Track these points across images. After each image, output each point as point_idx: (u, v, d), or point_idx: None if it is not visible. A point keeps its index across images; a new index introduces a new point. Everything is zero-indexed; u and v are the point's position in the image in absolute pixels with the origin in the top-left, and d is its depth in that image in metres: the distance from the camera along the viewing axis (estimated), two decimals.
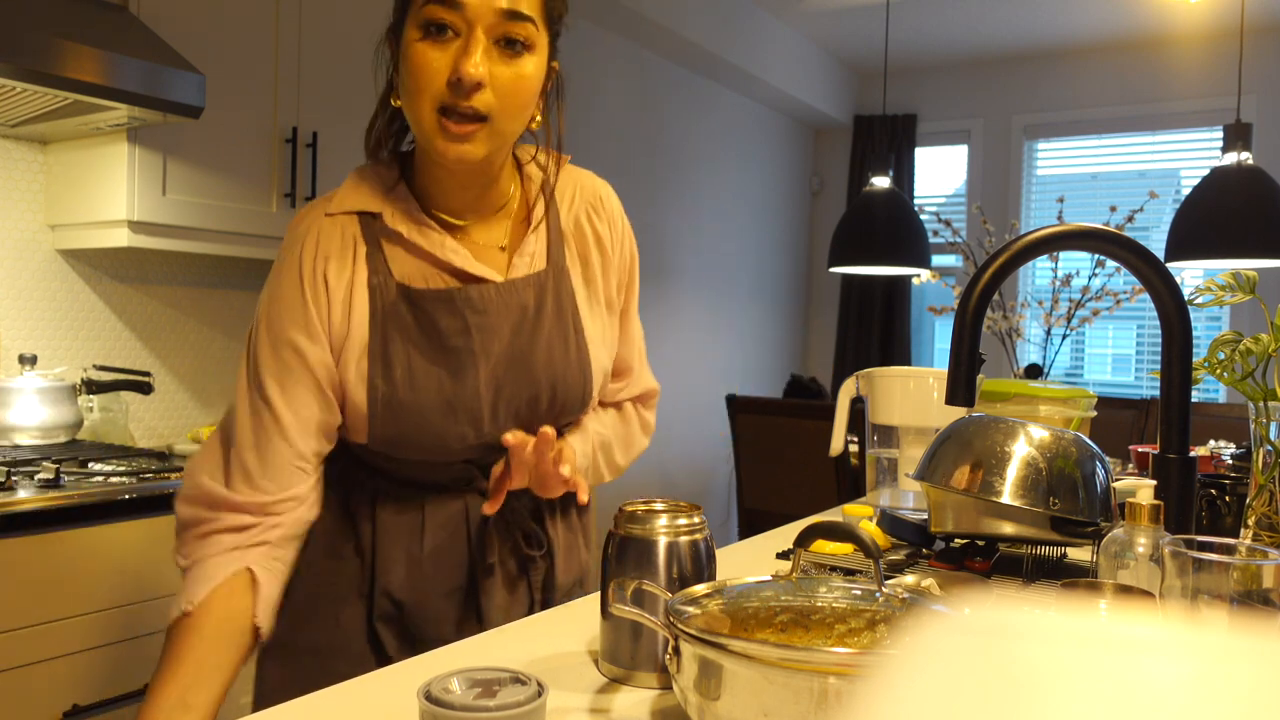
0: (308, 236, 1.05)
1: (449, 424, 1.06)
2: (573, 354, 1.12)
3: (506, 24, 0.97)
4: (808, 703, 0.65)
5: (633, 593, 0.84)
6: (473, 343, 1.06)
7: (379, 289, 1.05)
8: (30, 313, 2.36)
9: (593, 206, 1.18)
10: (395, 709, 0.82)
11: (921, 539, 1.31)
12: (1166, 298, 1.17)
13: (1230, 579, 0.77)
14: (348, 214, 1.06)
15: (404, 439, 1.06)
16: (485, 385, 1.07)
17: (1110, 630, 0.23)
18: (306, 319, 1.03)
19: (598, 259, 1.17)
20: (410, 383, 1.04)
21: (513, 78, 0.99)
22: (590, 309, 1.16)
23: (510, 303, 1.08)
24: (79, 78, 1.85)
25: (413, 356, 1.04)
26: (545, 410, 1.12)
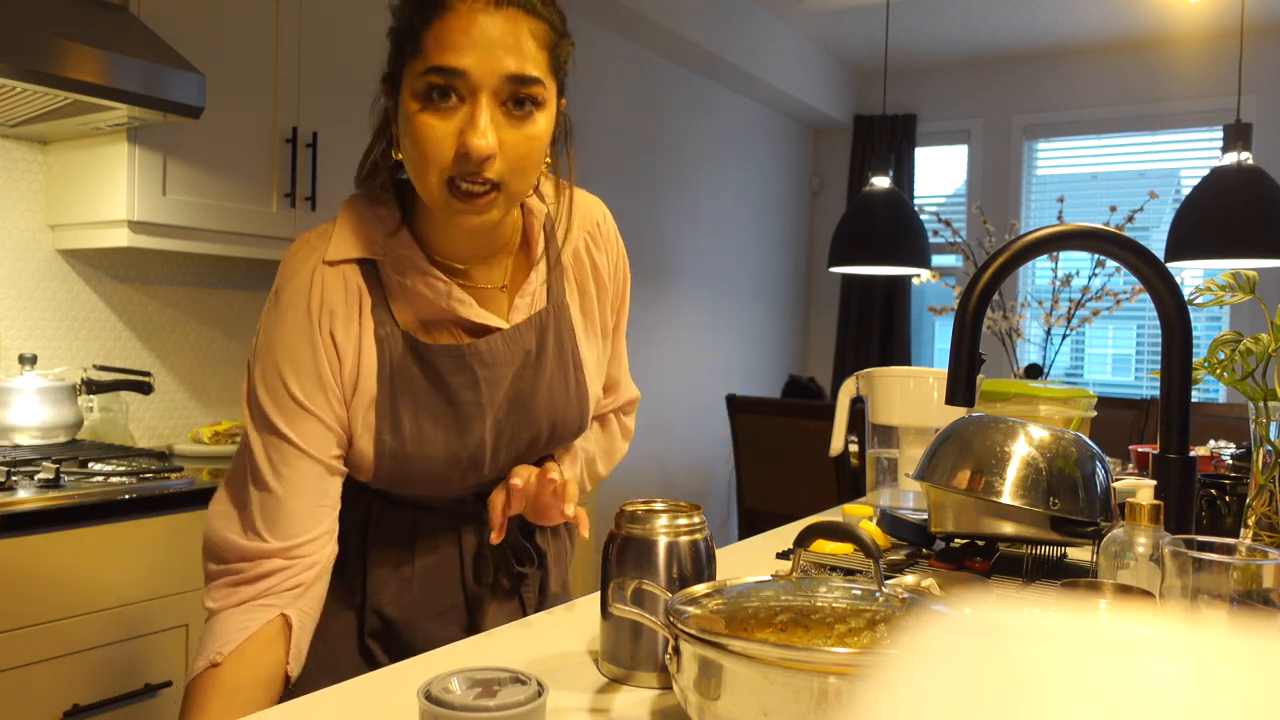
0: (311, 289, 1.00)
1: (453, 472, 1.05)
2: (572, 391, 1.12)
3: (517, 89, 0.92)
4: (808, 702, 0.65)
5: (633, 593, 0.84)
6: (480, 396, 1.04)
7: (386, 341, 1.01)
8: (30, 313, 2.36)
9: (590, 235, 1.15)
10: (395, 709, 0.82)
11: (921, 539, 1.31)
12: (1166, 298, 1.17)
13: (1230, 579, 0.77)
14: (348, 262, 1.01)
15: (407, 483, 1.05)
16: (490, 434, 1.06)
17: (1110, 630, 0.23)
18: (319, 374, 0.98)
19: (594, 288, 1.16)
20: (418, 438, 1.02)
21: (523, 141, 0.93)
22: (587, 340, 1.15)
23: (514, 349, 1.06)
24: (79, 78, 1.85)
25: (420, 412, 1.02)
26: (543, 446, 1.13)
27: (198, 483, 2.05)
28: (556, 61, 0.96)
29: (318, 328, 0.99)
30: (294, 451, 0.98)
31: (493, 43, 0.90)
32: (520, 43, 0.91)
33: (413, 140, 0.93)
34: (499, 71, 0.90)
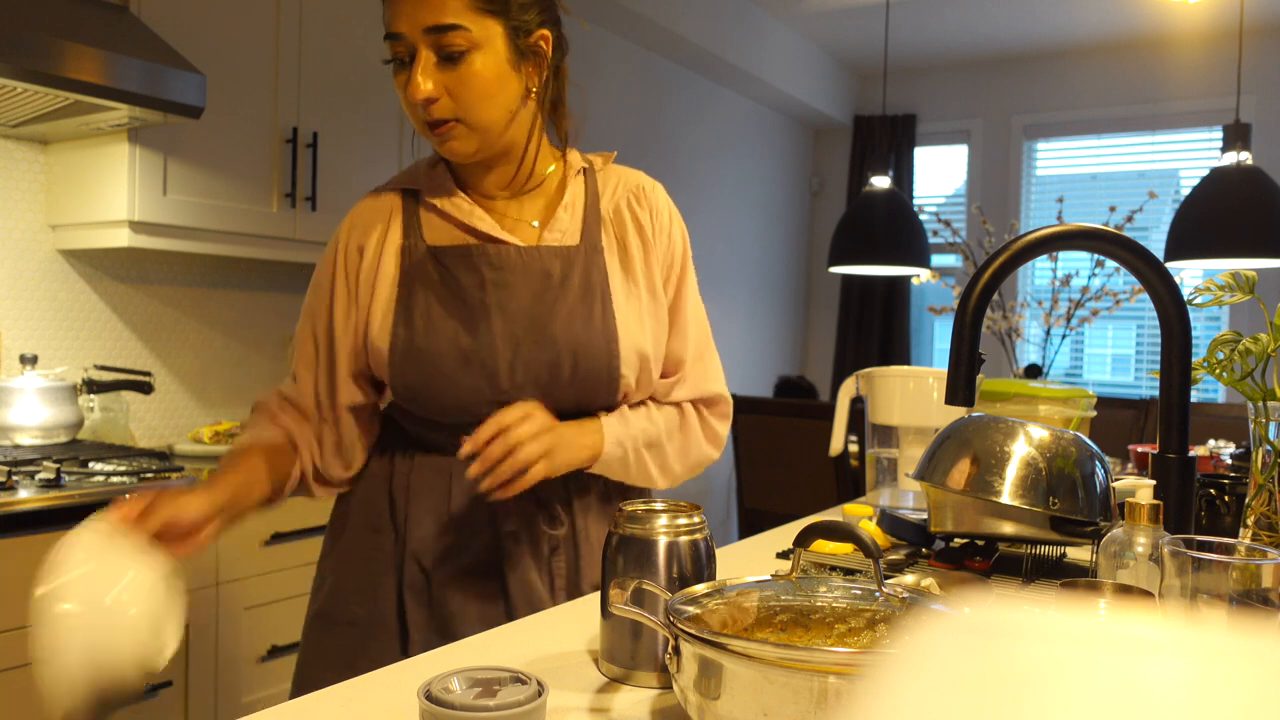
0: (349, 216, 1.21)
1: (464, 375, 1.11)
2: (597, 324, 1.14)
3: (438, 38, 1.05)
4: (808, 702, 0.65)
5: (633, 592, 0.84)
6: (488, 297, 1.12)
7: (409, 250, 1.15)
8: (31, 313, 2.36)
9: (635, 195, 1.23)
10: (395, 709, 0.82)
11: (921, 539, 1.31)
12: (1166, 298, 1.17)
13: (1229, 579, 0.77)
14: (392, 191, 1.20)
15: (422, 387, 1.12)
16: (502, 341, 1.11)
17: (1110, 630, 0.23)
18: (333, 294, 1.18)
19: (637, 245, 1.21)
20: (428, 330, 1.12)
21: (460, 80, 1.07)
22: (626, 290, 1.18)
23: (531, 266, 1.14)
24: (79, 78, 1.85)
25: (432, 307, 1.13)
26: (568, 378, 1.13)
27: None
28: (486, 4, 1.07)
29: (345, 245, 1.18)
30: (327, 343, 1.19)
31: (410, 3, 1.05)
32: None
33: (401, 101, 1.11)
34: (418, 26, 1.05)
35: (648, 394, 1.22)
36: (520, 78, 1.12)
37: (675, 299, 1.25)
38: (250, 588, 2.11)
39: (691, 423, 1.25)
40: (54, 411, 2.20)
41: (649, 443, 1.19)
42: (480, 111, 1.09)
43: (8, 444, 2.16)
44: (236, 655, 2.09)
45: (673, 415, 1.23)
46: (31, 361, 2.23)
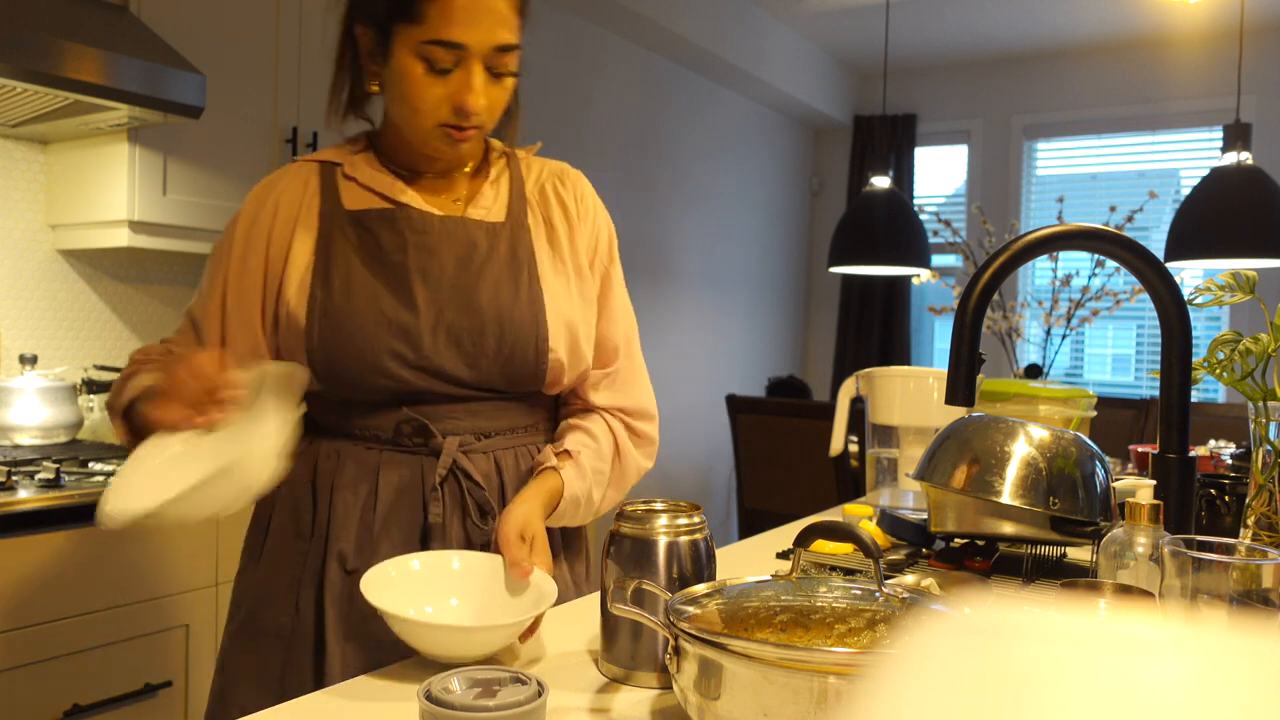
0: (261, 184, 1.17)
1: (383, 335, 1.07)
2: (523, 296, 1.12)
3: (499, 56, 1.07)
4: (808, 702, 0.65)
5: (633, 593, 0.84)
6: (408, 259, 1.10)
7: (327, 215, 1.13)
8: (31, 313, 2.36)
9: (559, 178, 1.23)
10: (395, 709, 0.82)
11: (921, 539, 1.31)
12: (1166, 298, 1.17)
13: (1230, 579, 0.77)
14: (307, 163, 1.17)
15: (340, 353, 1.07)
16: (424, 305, 1.09)
17: (1110, 630, 0.23)
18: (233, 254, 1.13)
19: (563, 225, 1.20)
20: (347, 290, 1.09)
21: (502, 93, 1.11)
22: (553, 266, 1.17)
23: (456, 234, 1.13)
24: (79, 78, 1.85)
25: (352, 268, 1.10)
26: (494, 350, 1.10)
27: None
28: (525, 17, 1.11)
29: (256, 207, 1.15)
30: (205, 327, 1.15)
31: (487, 18, 1.05)
32: (506, 15, 1.06)
33: (411, 95, 1.07)
34: (491, 44, 1.06)
35: (577, 377, 1.19)
36: None
37: (604, 286, 1.23)
38: None
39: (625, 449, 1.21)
40: (53, 411, 2.20)
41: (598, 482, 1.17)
42: (496, 119, 1.13)
43: (7, 444, 2.16)
44: None
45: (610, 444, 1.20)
46: (31, 361, 2.23)
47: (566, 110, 3.90)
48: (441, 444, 1.10)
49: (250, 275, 1.12)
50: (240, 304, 1.13)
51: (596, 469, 1.16)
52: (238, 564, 1.22)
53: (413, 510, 1.11)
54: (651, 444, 1.25)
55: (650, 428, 1.25)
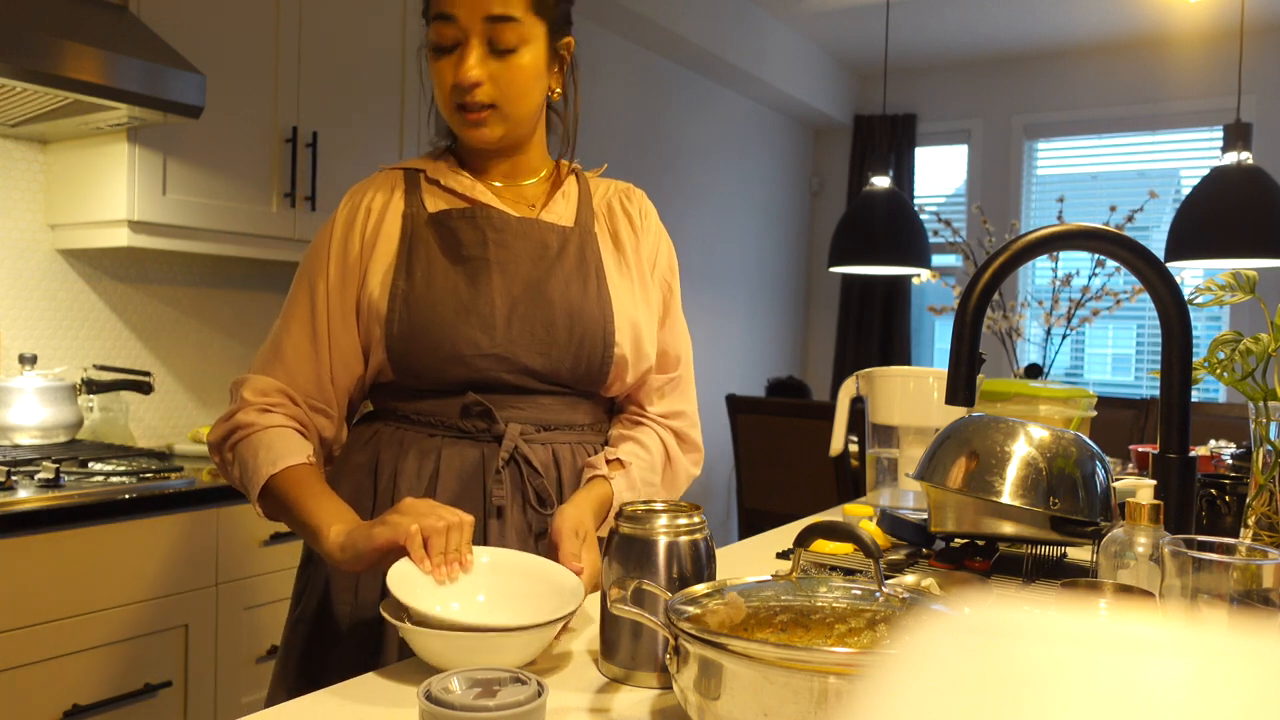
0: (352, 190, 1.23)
1: (461, 323, 1.12)
2: (592, 293, 1.18)
3: (494, 28, 1.10)
4: (808, 702, 0.65)
5: (633, 593, 0.84)
6: (488, 253, 1.15)
7: (411, 217, 1.18)
8: (30, 313, 2.36)
9: (625, 195, 1.29)
10: (395, 709, 0.82)
11: (921, 539, 1.31)
12: (1166, 298, 1.17)
13: (1230, 579, 0.77)
14: (393, 171, 1.24)
15: (417, 336, 1.12)
16: (500, 295, 1.14)
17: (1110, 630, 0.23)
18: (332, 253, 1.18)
19: (629, 236, 1.26)
20: (428, 281, 1.14)
21: (507, 70, 1.12)
22: (619, 269, 1.23)
23: (530, 234, 1.18)
24: (79, 78, 1.85)
25: (434, 262, 1.15)
26: (564, 338, 1.15)
27: (198, 483, 2.05)
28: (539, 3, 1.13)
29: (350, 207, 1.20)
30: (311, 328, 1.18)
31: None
32: None
33: (433, 80, 1.16)
34: (480, 13, 1.09)
35: (638, 378, 1.24)
36: (549, 78, 1.19)
37: (668, 299, 1.30)
38: (250, 588, 2.10)
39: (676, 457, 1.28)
40: (53, 411, 2.20)
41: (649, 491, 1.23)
42: (517, 103, 1.15)
43: (7, 444, 2.16)
44: (236, 655, 2.09)
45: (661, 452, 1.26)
46: (31, 361, 2.23)
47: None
48: (504, 430, 1.14)
49: (350, 276, 1.17)
50: (342, 305, 1.17)
51: (647, 480, 1.22)
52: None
53: (474, 493, 1.14)
54: (698, 450, 1.33)
55: (697, 434, 1.33)
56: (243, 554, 2.09)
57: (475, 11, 1.09)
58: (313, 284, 1.18)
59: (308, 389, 1.16)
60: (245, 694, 2.11)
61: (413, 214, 1.18)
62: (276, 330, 1.19)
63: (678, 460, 1.28)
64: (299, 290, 1.19)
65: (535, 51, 1.14)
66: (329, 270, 1.18)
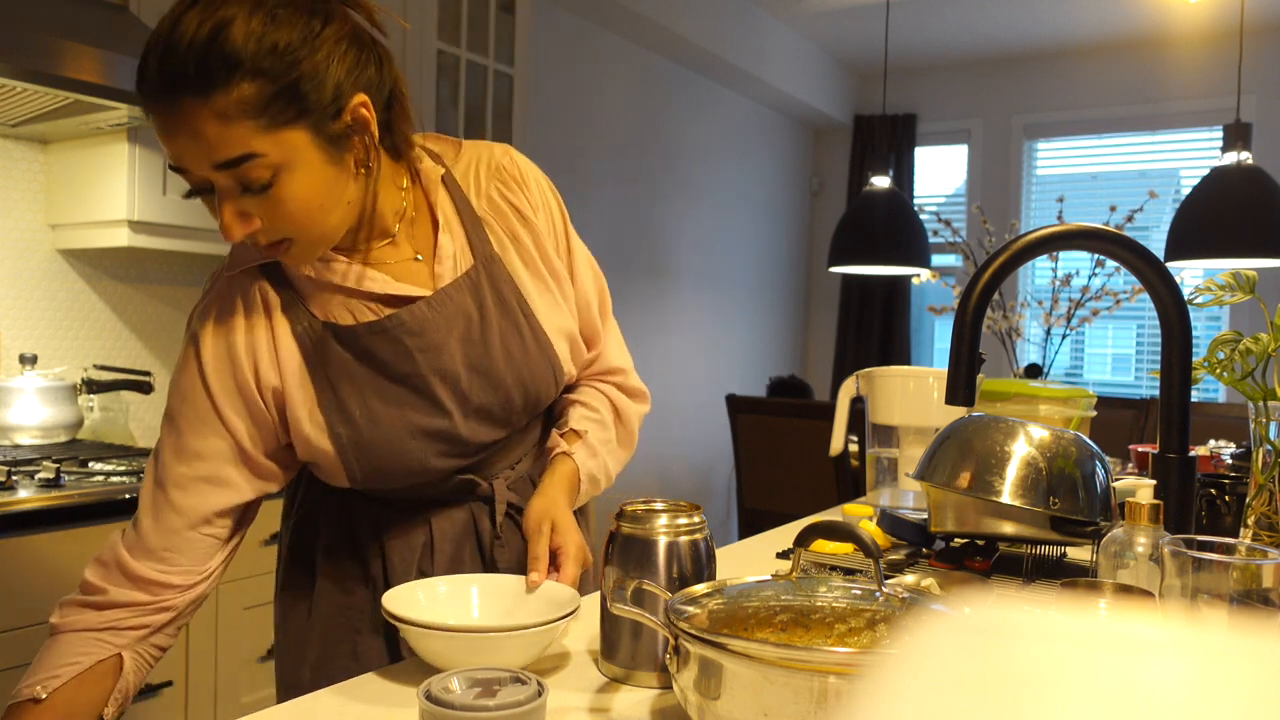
0: (207, 312, 1.01)
1: (424, 447, 1.03)
2: (531, 347, 1.08)
3: (235, 173, 0.86)
4: (808, 702, 0.65)
5: (633, 592, 0.84)
6: (420, 366, 1.02)
7: (305, 335, 1.00)
8: (30, 312, 2.36)
9: (500, 180, 1.10)
10: (395, 709, 0.82)
11: (921, 539, 1.31)
12: (1166, 298, 1.17)
13: (1230, 579, 0.77)
14: (245, 271, 1.01)
15: (384, 473, 1.04)
16: (451, 402, 1.03)
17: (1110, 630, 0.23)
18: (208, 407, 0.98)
19: (525, 232, 1.10)
20: (371, 421, 1.01)
21: (276, 207, 0.89)
22: (536, 289, 1.10)
23: (449, 313, 1.03)
24: (79, 78, 1.85)
25: (367, 395, 1.01)
26: (520, 409, 1.10)
27: None
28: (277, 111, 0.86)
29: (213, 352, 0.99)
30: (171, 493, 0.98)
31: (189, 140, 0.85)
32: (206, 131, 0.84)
33: None
34: (206, 163, 0.86)
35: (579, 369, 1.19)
36: (346, 166, 0.93)
37: (570, 263, 1.16)
38: (250, 588, 2.10)
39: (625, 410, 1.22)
40: (53, 411, 2.20)
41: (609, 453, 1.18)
42: (311, 228, 0.92)
43: (7, 444, 2.16)
44: (236, 655, 2.09)
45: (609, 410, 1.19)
46: (31, 361, 2.23)
47: (567, 110, 3.90)
48: (491, 490, 1.11)
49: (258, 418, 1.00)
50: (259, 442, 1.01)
51: (604, 440, 1.17)
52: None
53: (470, 554, 1.11)
54: (643, 394, 1.25)
55: (637, 380, 1.25)
56: (243, 554, 2.09)
57: (200, 162, 0.86)
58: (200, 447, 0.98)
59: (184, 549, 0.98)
60: (245, 694, 2.11)
61: (306, 330, 1.00)
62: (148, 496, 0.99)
63: (626, 409, 1.21)
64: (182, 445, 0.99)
65: (305, 171, 0.89)
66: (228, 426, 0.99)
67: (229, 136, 0.84)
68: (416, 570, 1.09)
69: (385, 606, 0.90)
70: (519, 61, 3.17)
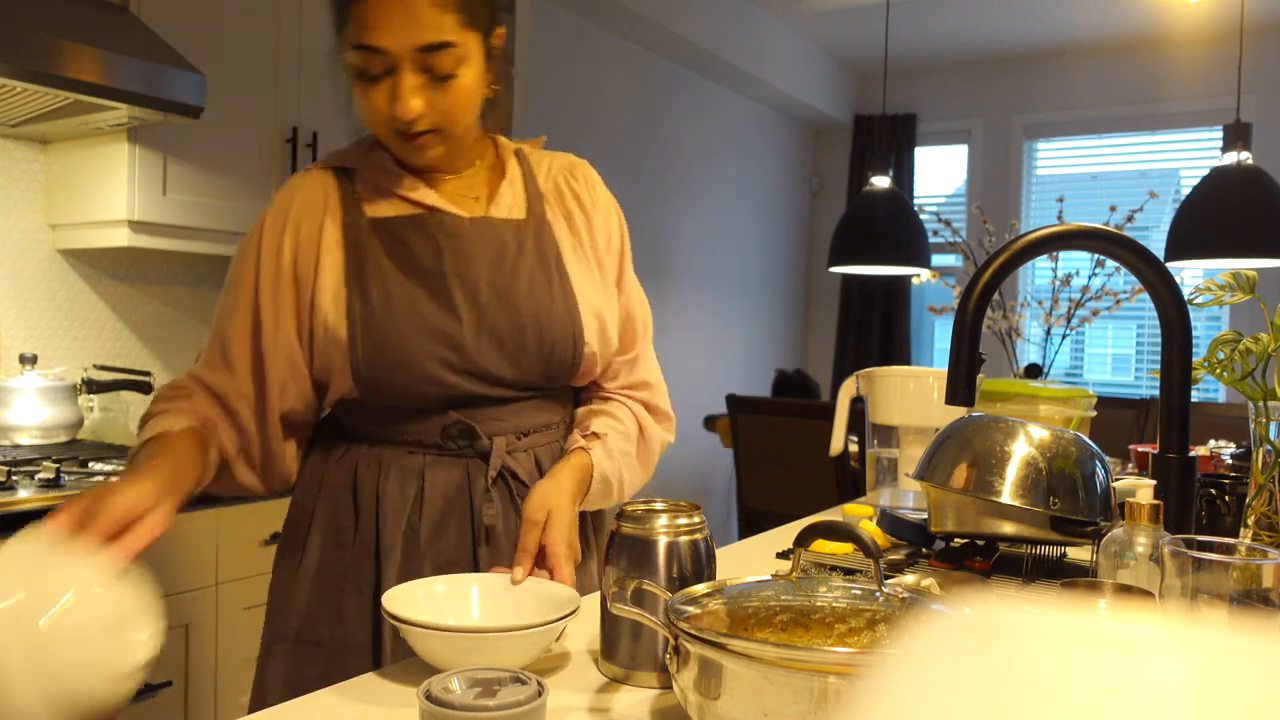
0: (276, 199, 1.14)
1: (428, 343, 1.07)
2: (557, 292, 1.13)
3: (428, 57, 1.01)
4: (808, 702, 0.65)
5: (633, 592, 0.84)
6: (445, 264, 1.09)
7: (352, 226, 1.11)
8: (30, 313, 2.36)
9: (569, 171, 1.23)
10: (395, 709, 0.82)
11: (921, 539, 1.31)
12: (1166, 298, 1.17)
13: (1230, 579, 0.77)
14: (323, 170, 1.15)
15: (386, 364, 1.07)
16: (465, 308, 1.09)
17: (1110, 630, 0.23)
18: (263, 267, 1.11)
19: (581, 218, 1.20)
20: (387, 302, 1.07)
21: (447, 96, 1.04)
22: (577, 259, 1.18)
23: (487, 236, 1.12)
24: (79, 78, 1.85)
25: (387, 277, 1.08)
26: (534, 347, 1.11)
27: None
28: (471, 16, 1.03)
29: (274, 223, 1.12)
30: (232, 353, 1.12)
31: (402, 19, 0.99)
32: (428, 15, 1.00)
33: (359, 103, 1.07)
34: (410, 45, 1.00)
35: (604, 364, 1.21)
36: (486, 80, 1.10)
37: (621, 272, 1.25)
38: (250, 588, 2.10)
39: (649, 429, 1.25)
40: (53, 411, 2.20)
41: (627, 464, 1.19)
42: (460, 124, 1.08)
43: (7, 444, 2.16)
44: (236, 655, 2.09)
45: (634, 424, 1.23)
46: (31, 361, 2.23)
47: (567, 110, 3.90)
48: (489, 446, 1.12)
49: (283, 291, 1.10)
50: (276, 320, 1.10)
51: (623, 449, 1.19)
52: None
53: (462, 513, 1.12)
54: (669, 419, 1.30)
55: (665, 403, 1.29)
56: (243, 554, 2.09)
57: (405, 43, 1.00)
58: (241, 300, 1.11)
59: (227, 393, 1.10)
60: (245, 694, 2.11)
61: (353, 222, 1.11)
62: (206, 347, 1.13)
63: (650, 430, 1.25)
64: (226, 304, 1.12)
65: (474, 69, 1.06)
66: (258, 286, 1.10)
67: (439, 22, 1.00)
68: (405, 524, 1.10)
69: (385, 607, 0.90)
70: (519, 61, 3.17)
